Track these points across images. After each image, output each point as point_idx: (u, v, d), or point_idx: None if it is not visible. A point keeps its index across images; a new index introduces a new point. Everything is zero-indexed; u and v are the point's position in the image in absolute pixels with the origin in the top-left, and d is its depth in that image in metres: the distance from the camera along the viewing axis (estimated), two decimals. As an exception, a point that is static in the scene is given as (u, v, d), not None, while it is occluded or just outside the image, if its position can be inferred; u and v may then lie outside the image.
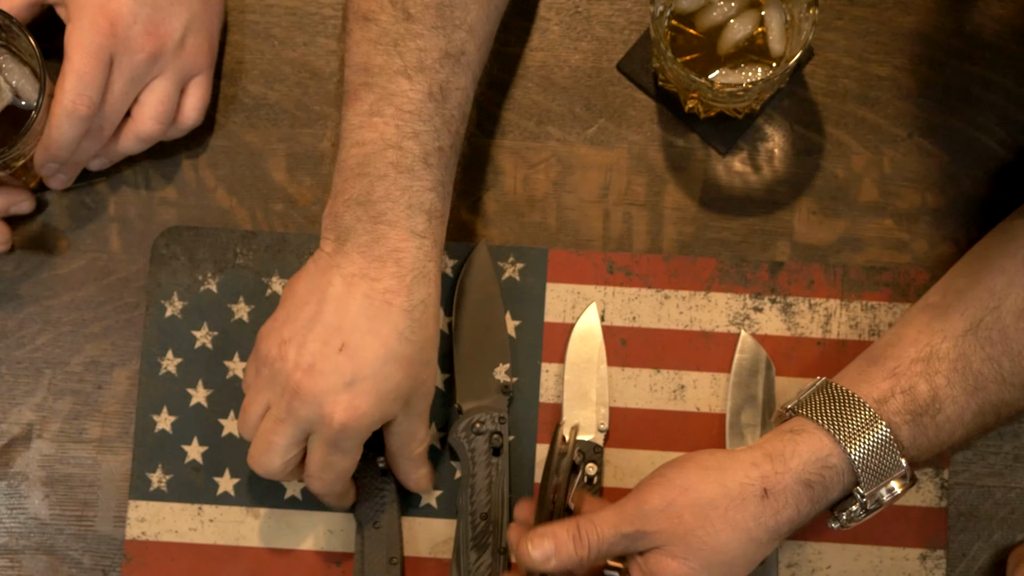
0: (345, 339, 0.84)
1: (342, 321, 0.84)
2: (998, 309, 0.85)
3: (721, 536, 0.82)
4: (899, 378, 0.85)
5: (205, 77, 0.96)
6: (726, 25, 0.93)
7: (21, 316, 0.98)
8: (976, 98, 0.98)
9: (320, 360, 0.84)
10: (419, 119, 0.86)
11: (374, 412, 0.85)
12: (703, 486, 0.83)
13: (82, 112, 0.90)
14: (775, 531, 0.83)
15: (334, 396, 0.84)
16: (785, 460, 0.83)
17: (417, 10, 0.86)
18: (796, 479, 0.83)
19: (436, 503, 0.95)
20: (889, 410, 0.84)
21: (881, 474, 0.84)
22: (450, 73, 0.87)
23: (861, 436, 0.83)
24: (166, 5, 0.92)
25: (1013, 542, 0.95)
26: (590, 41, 1.00)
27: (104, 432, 0.97)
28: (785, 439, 0.84)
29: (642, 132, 0.99)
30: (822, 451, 0.83)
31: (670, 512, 0.82)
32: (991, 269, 0.87)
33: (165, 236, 0.98)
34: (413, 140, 0.85)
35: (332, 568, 0.95)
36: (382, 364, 0.84)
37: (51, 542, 0.96)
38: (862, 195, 0.98)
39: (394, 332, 0.84)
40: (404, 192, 0.85)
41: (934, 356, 0.85)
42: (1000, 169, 0.98)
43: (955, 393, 0.85)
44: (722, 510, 0.82)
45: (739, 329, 0.96)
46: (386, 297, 0.84)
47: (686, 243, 0.98)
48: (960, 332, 0.85)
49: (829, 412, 0.84)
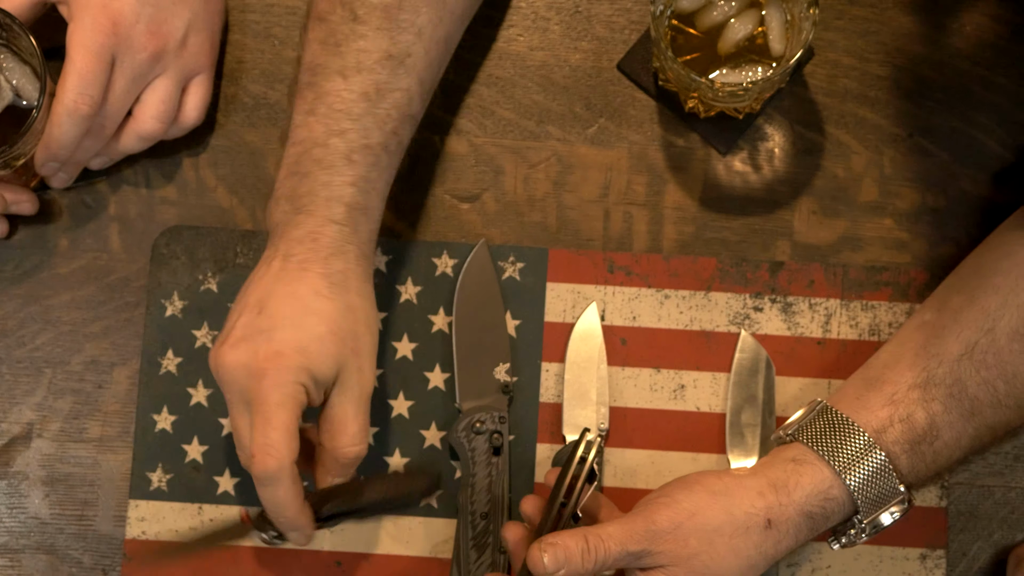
0: (263, 305, 0.85)
1: (260, 294, 0.85)
2: (992, 331, 0.85)
3: (724, 563, 0.83)
4: (897, 406, 0.86)
5: (206, 76, 0.96)
6: (726, 25, 0.93)
7: (22, 315, 0.98)
8: (976, 98, 0.98)
9: (240, 330, 0.84)
10: (348, 117, 0.87)
11: (298, 358, 0.83)
12: (710, 512, 0.83)
13: (83, 111, 0.90)
14: (773, 558, 0.85)
15: (257, 352, 0.83)
16: (789, 492, 0.84)
17: (364, 11, 0.87)
18: (799, 511, 0.84)
19: (436, 503, 0.95)
20: (888, 440, 0.85)
21: (880, 502, 0.85)
22: (390, 74, 0.87)
23: (859, 466, 0.84)
24: (168, 4, 0.92)
25: (1013, 542, 0.95)
26: (590, 41, 1.00)
27: (104, 431, 0.97)
28: (788, 469, 0.85)
29: (642, 132, 0.99)
30: (823, 483, 0.84)
31: (676, 535, 0.83)
32: (985, 288, 0.87)
33: (165, 235, 0.98)
34: (339, 137, 0.86)
35: (332, 568, 0.95)
36: (302, 317, 0.84)
37: (51, 541, 0.96)
38: (862, 195, 0.98)
39: (311, 291, 0.85)
40: (324, 187, 0.86)
41: (930, 382, 0.86)
42: (1000, 169, 0.98)
43: (952, 419, 0.85)
44: (727, 537, 0.83)
45: (739, 329, 0.96)
46: (302, 265, 0.85)
47: (686, 243, 0.98)
48: (956, 356, 0.86)
49: (829, 442, 0.85)
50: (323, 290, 0.85)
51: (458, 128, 0.99)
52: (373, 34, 0.87)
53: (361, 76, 0.87)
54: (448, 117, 0.99)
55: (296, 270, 0.85)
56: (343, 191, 0.86)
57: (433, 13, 0.89)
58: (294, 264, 0.85)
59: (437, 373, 0.96)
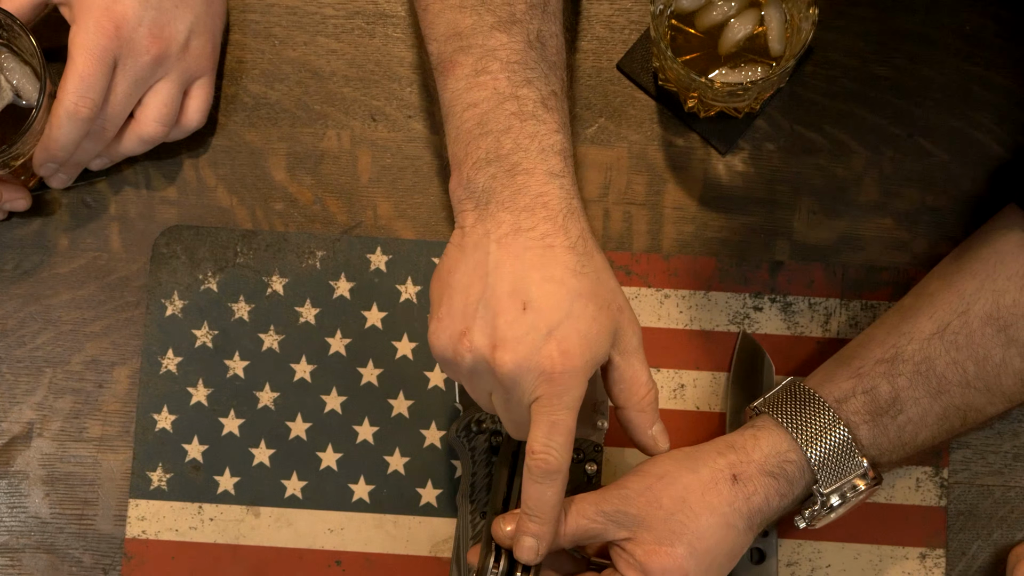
0: (523, 297, 0.80)
1: (514, 283, 0.80)
2: (966, 314, 0.86)
3: (701, 520, 0.83)
4: (862, 378, 0.86)
5: (208, 79, 0.96)
6: (726, 24, 0.93)
7: (22, 315, 0.98)
8: (976, 98, 0.98)
9: (508, 329, 0.80)
10: (527, 67, 0.84)
11: (584, 352, 0.80)
12: (677, 473, 0.84)
13: (84, 114, 0.90)
14: (748, 518, 0.85)
15: (540, 353, 0.80)
16: (747, 451, 0.85)
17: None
18: (760, 469, 0.85)
19: (436, 502, 0.96)
20: (849, 409, 0.86)
21: (840, 473, 0.85)
22: (541, 21, 0.85)
23: (818, 435, 0.85)
24: (171, 8, 0.92)
25: (1013, 541, 0.95)
26: (590, 41, 1.00)
27: (104, 431, 0.97)
28: (747, 434, 0.87)
29: (642, 131, 0.99)
30: (781, 446, 0.85)
31: (649, 496, 0.83)
32: (962, 273, 0.87)
33: (166, 235, 0.98)
34: (527, 87, 0.83)
35: (332, 567, 0.95)
36: (570, 303, 0.80)
37: (51, 541, 0.96)
38: (862, 195, 0.98)
39: (567, 270, 0.81)
40: (532, 138, 0.82)
41: (898, 358, 0.86)
42: (1000, 169, 0.98)
43: (917, 395, 0.86)
44: (698, 494, 0.84)
45: (739, 328, 0.96)
46: (545, 241, 0.81)
47: (686, 242, 0.98)
48: (927, 335, 0.86)
49: (789, 410, 0.86)
50: (575, 265, 0.81)
51: (458, 128, 0.99)
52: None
53: (519, 26, 0.84)
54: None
55: (540, 248, 0.81)
56: (552, 139, 0.83)
57: None
58: (536, 241, 0.81)
59: (437, 372, 0.97)
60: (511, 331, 0.79)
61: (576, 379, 0.80)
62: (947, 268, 0.90)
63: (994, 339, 0.86)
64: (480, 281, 0.81)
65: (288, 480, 0.96)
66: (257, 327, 0.97)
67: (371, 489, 0.96)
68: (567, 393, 0.80)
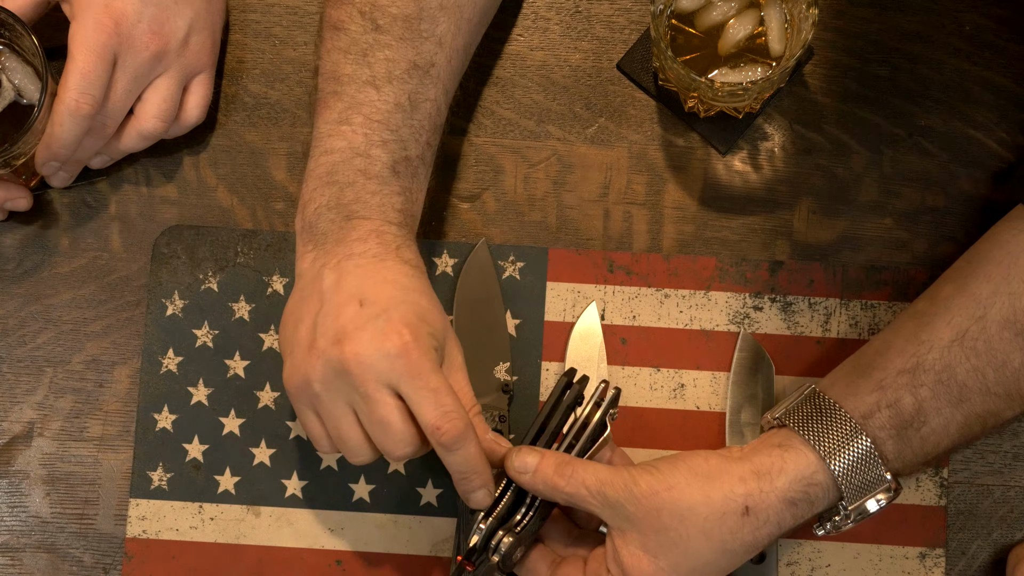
0: (360, 296, 0.83)
1: (349, 290, 0.84)
2: (983, 319, 0.85)
3: (692, 543, 0.83)
4: (885, 391, 0.85)
5: (208, 75, 0.96)
6: (726, 24, 0.93)
7: (22, 315, 0.98)
8: (976, 98, 0.98)
9: (350, 323, 0.82)
10: (387, 128, 0.87)
11: (425, 323, 0.83)
12: (688, 490, 0.83)
13: (85, 111, 0.90)
14: (752, 545, 0.84)
15: (385, 334, 0.82)
16: (772, 479, 0.84)
17: (385, 21, 0.87)
18: (780, 498, 0.84)
19: (436, 502, 0.96)
20: (874, 425, 0.85)
21: (865, 488, 0.85)
22: (418, 84, 0.88)
23: (844, 452, 0.84)
24: (170, 4, 0.92)
25: (1012, 540, 0.95)
26: (590, 41, 1.00)
27: (105, 430, 0.97)
28: (774, 455, 0.85)
29: (642, 131, 0.99)
30: (808, 468, 0.84)
31: (651, 503, 0.83)
32: (976, 276, 0.87)
33: (166, 235, 0.98)
34: (381, 148, 0.86)
35: (332, 567, 0.95)
36: (404, 294, 0.84)
37: (52, 540, 0.96)
38: (862, 195, 0.98)
39: (400, 273, 0.85)
40: (374, 195, 0.86)
41: (919, 368, 0.85)
42: (1000, 169, 0.98)
43: (940, 405, 0.85)
44: (700, 518, 0.83)
45: (739, 328, 0.96)
46: (377, 257, 0.85)
47: (686, 242, 0.98)
48: (946, 342, 0.86)
49: (815, 428, 0.85)
50: (408, 272, 0.85)
51: (458, 128, 0.99)
52: (397, 44, 0.87)
53: (392, 86, 0.87)
54: (448, 116, 0.99)
55: (373, 263, 0.85)
56: (393, 199, 0.87)
57: (451, 23, 0.89)
58: (367, 259, 0.85)
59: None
60: (352, 324, 0.82)
61: (428, 344, 0.82)
62: (959, 271, 0.89)
63: (1012, 343, 0.85)
64: (317, 301, 0.84)
65: (288, 480, 0.96)
66: (257, 327, 0.97)
67: (371, 489, 0.96)
68: (426, 358, 0.82)
